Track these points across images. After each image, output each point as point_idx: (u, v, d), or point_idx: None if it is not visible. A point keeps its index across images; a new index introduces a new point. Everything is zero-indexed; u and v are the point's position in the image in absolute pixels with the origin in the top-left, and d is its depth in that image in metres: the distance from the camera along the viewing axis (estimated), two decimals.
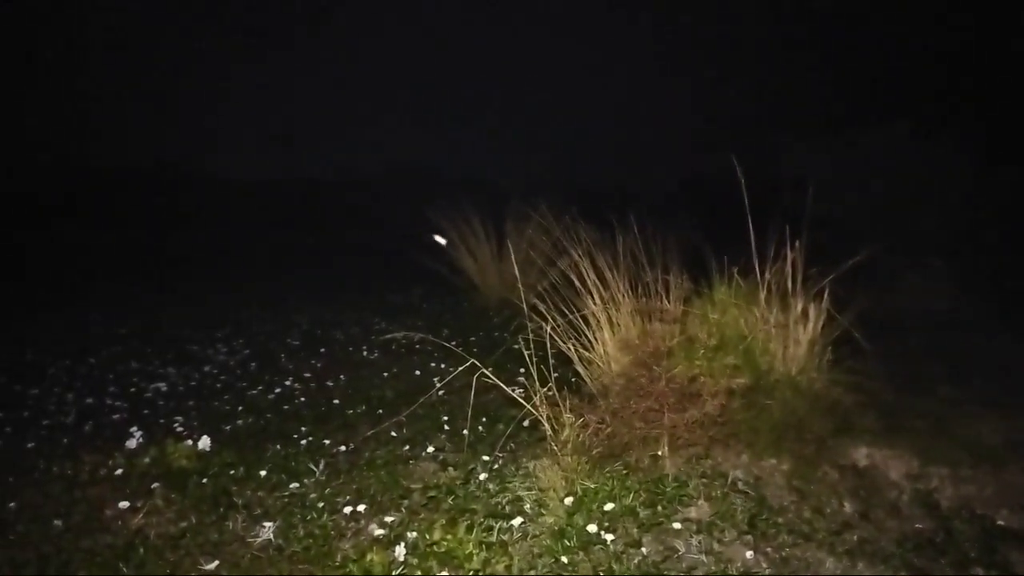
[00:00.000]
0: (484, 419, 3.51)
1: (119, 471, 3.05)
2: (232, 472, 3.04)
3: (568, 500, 2.72)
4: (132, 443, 3.30)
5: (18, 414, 3.79)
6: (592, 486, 2.78)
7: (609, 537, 2.50)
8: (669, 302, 3.33)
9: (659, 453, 2.94)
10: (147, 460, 3.15)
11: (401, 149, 13.64)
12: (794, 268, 3.30)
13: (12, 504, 2.78)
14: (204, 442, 3.29)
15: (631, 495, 2.74)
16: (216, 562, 2.41)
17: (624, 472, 2.89)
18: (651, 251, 3.43)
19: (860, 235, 3.76)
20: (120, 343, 5.20)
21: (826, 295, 3.38)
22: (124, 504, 2.77)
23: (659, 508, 2.69)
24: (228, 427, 3.60)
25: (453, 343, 3.64)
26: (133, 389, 4.20)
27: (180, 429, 3.55)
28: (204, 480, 2.97)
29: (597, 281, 3.41)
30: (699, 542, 2.50)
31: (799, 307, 3.36)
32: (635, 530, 2.56)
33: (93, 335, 5.40)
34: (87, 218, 11.00)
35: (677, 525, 2.59)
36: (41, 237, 10.07)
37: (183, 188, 12.53)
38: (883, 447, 3.13)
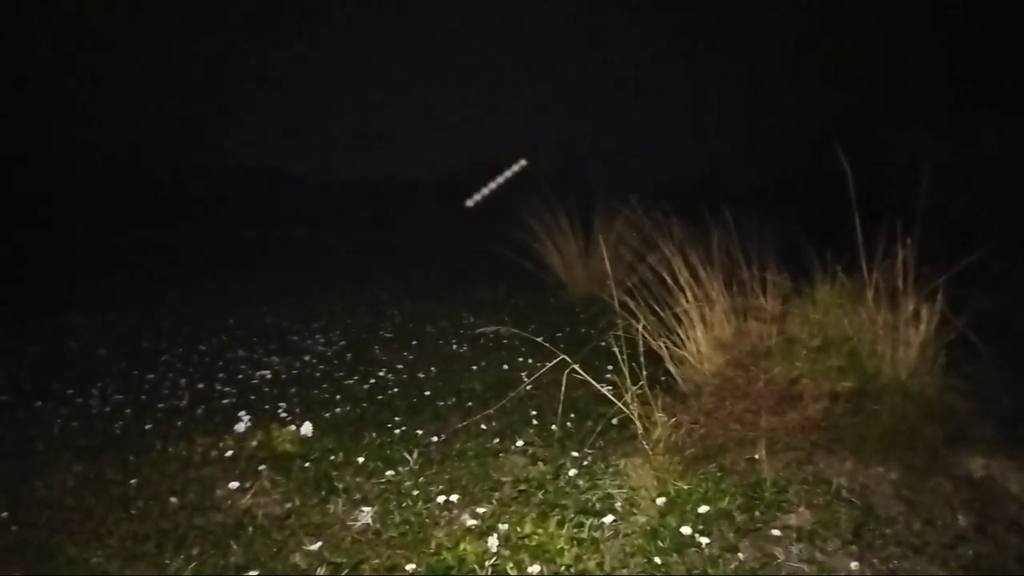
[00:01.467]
0: (572, 415, 3.51)
1: (229, 453, 3.23)
2: (332, 457, 3.17)
3: (660, 500, 2.68)
4: (241, 427, 3.49)
5: (137, 397, 4.07)
6: (685, 487, 2.73)
7: (704, 540, 2.45)
8: (766, 300, 3.22)
9: (756, 457, 2.85)
10: (254, 443, 3.33)
11: (487, 146, 13.75)
12: (904, 266, 3.13)
13: (133, 481, 2.99)
14: (306, 428, 3.44)
15: (727, 498, 2.67)
16: (319, 543, 2.52)
17: (719, 474, 2.83)
18: (747, 247, 3.33)
19: (976, 231, 3.53)
20: (227, 333, 5.51)
21: (939, 295, 3.19)
22: (234, 484, 2.93)
23: (756, 513, 2.61)
24: (327, 414, 3.75)
25: (540, 339, 3.65)
26: (240, 376, 4.44)
27: (284, 415, 3.72)
28: (307, 464, 3.11)
29: (690, 278, 3.34)
30: (800, 550, 2.41)
31: (910, 308, 3.18)
32: (731, 534, 2.50)
33: (202, 325, 5.74)
34: (187, 217, 11.70)
35: (776, 532, 2.51)
36: (146, 236, 10.78)
37: (277, 188, 13.14)
38: (1002, 457, 2.93)
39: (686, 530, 2.49)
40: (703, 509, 2.61)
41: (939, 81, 10.36)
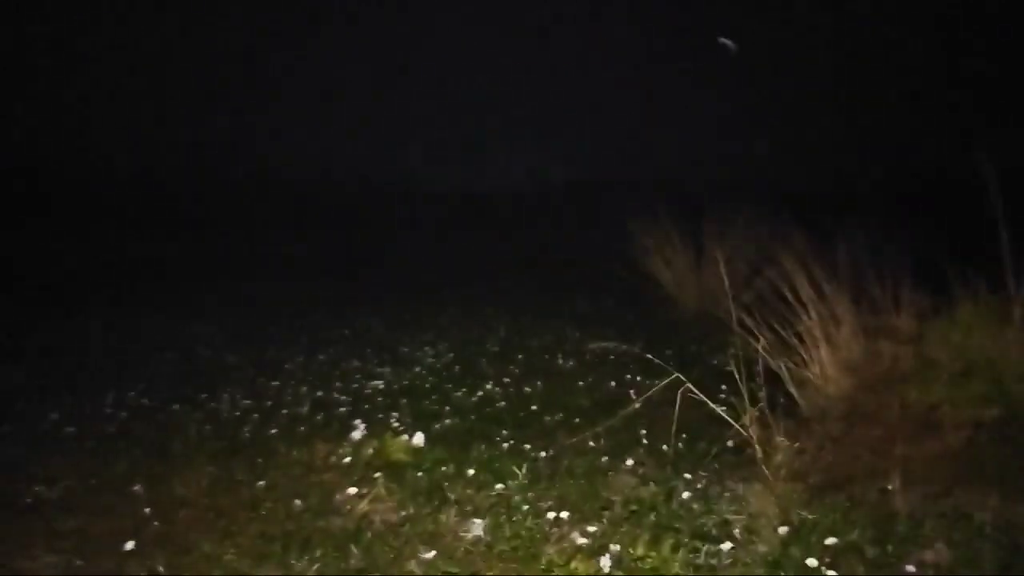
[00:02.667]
0: (685, 435, 3.40)
1: (347, 459, 3.37)
2: (443, 468, 3.23)
3: (783, 529, 2.56)
4: (357, 435, 3.63)
5: (263, 403, 4.31)
6: (810, 517, 2.60)
7: (831, 574, 2.32)
8: (901, 319, 3.00)
9: (889, 487, 2.66)
10: (370, 451, 3.44)
11: (590, 155, 13.62)
12: None
13: (261, 484, 3.17)
14: (418, 438, 3.53)
15: (856, 530, 2.52)
16: (433, 552, 2.57)
17: (847, 505, 2.67)
18: (878, 260, 3.12)
19: None
20: (343, 343, 5.74)
21: None
22: (352, 490, 3.05)
23: (889, 548, 2.44)
24: (437, 425, 3.83)
25: (648, 355, 3.57)
26: (355, 385, 4.61)
27: (397, 424, 3.83)
28: (419, 473, 3.19)
29: (813, 294, 3.17)
30: None
31: None
32: (861, 569, 2.35)
33: (320, 336, 6.00)
34: (293, 228, 12.21)
35: (911, 568, 2.35)
36: (246, 246, 11.29)
37: (374, 197, 13.51)
38: None
39: (812, 562, 2.36)
40: (830, 541, 2.47)
41: None
